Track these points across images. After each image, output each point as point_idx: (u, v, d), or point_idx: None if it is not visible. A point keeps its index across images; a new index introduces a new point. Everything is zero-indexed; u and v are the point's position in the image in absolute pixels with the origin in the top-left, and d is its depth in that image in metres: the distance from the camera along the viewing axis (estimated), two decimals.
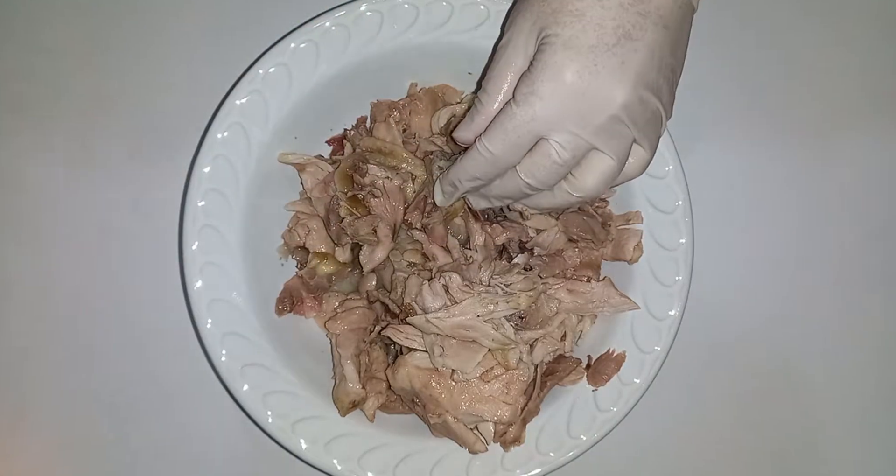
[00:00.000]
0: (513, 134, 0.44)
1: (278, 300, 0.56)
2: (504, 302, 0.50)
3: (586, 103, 0.42)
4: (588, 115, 0.43)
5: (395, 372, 0.52)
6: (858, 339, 0.63)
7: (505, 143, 0.44)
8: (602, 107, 0.42)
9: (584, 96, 0.42)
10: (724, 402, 0.62)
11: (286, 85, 0.54)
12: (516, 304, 0.50)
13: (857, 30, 0.66)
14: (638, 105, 0.43)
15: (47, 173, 0.61)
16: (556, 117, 0.43)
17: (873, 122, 0.65)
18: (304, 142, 0.56)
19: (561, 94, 0.42)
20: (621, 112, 0.43)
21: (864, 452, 0.62)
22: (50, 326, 0.60)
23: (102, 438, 0.59)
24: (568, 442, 0.54)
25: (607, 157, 0.44)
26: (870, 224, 0.64)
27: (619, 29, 0.42)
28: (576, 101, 0.42)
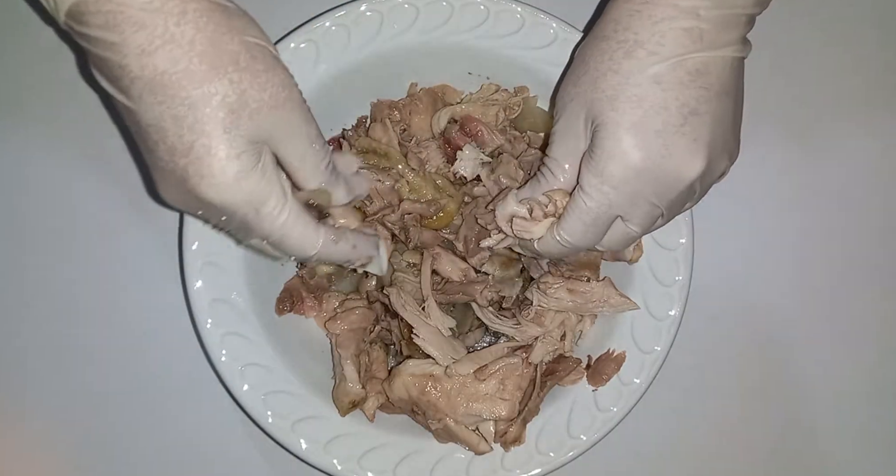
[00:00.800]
0: (592, 226, 0.44)
1: (278, 300, 0.56)
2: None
3: (660, 181, 0.42)
4: (664, 191, 0.43)
5: (391, 383, 0.53)
6: (858, 339, 0.63)
7: (586, 235, 0.45)
8: (677, 182, 0.43)
9: (657, 176, 0.42)
10: (724, 402, 0.62)
11: None
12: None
13: (854, 28, 0.66)
14: (710, 171, 0.43)
15: (47, 173, 0.61)
16: (631, 199, 0.43)
17: (873, 121, 0.65)
18: None
19: (633, 178, 0.42)
20: (696, 183, 0.43)
21: (863, 452, 0.62)
22: (50, 326, 0.60)
23: (102, 438, 0.59)
24: (568, 442, 0.54)
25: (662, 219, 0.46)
26: (870, 223, 0.64)
27: (685, 108, 0.42)
28: (650, 181, 0.42)
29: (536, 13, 0.55)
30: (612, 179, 0.42)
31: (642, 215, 0.44)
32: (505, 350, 0.53)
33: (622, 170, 0.42)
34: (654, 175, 0.42)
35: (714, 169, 0.44)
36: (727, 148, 0.44)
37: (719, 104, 0.42)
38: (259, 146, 0.41)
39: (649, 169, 0.42)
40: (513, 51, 0.55)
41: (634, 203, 0.43)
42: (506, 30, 0.55)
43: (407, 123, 0.57)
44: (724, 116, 0.43)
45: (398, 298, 0.53)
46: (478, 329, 0.56)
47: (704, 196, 0.47)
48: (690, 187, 0.43)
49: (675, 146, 0.42)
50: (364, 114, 0.59)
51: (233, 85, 0.39)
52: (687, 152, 0.42)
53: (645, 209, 0.44)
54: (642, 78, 0.42)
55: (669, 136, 0.42)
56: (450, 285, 0.54)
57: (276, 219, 0.42)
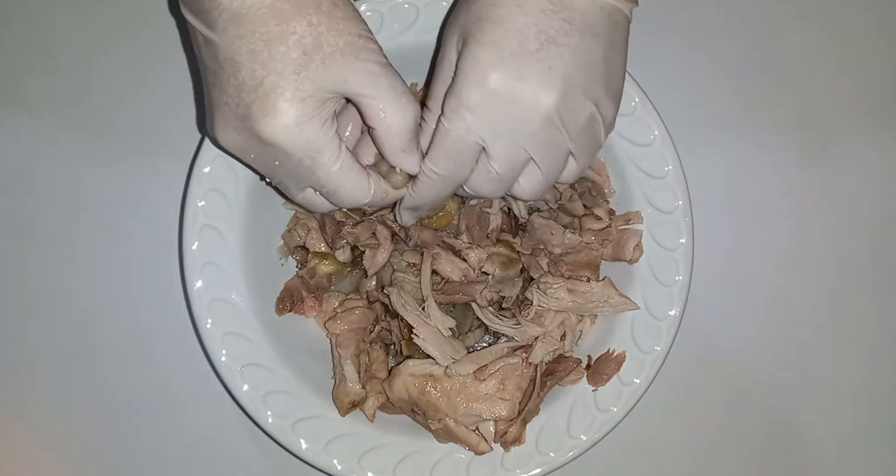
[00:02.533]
0: (453, 151, 0.43)
1: (278, 300, 0.56)
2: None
3: (516, 109, 0.41)
4: (521, 122, 0.42)
5: (391, 383, 0.53)
6: (858, 340, 0.63)
7: (448, 161, 0.44)
8: (532, 111, 0.41)
9: (513, 102, 0.41)
10: (724, 402, 0.62)
11: None
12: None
13: (854, 30, 0.66)
14: (570, 110, 0.42)
15: (47, 173, 0.61)
16: (489, 125, 0.42)
17: (873, 121, 0.65)
18: None
19: (489, 101, 0.41)
20: (553, 116, 0.42)
21: (863, 452, 0.62)
22: (50, 326, 0.60)
23: (102, 438, 0.59)
24: (568, 442, 0.54)
25: (538, 173, 0.44)
26: (870, 224, 0.64)
27: (542, 34, 0.41)
28: (506, 107, 0.41)
29: None
30: (467, 100, 0.41)
31: (502, 149, 0.43)
32: (505, 350, 0.53)
33: (477, 90, 0.41)
34: (507, 101, 0.41)
35: (574, 109, 0.42)
36: (590, 91, 0.42)
37: (583, 42, 0.41)
38: (326, 95, 0.41)
39: (502, 93, 0.41)
40: None
41: (493, 132, 0.42)
42: None
43: None
44: (589, 57, 0.42)
45: (398, 298, 0.53)
46: (478, 329, 0.56)
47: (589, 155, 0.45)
48: (548, 122, 0.42)
49: (529, 71, 0.41)
50: None
51: (311, 27, 0.40)
52: (540, 79, 0.41)
53: (504, 142, 0.42)
54: (509, 3, 0.41)
55: (524, 60, 0.41)
56: (450, 285, 0.54)
57: (331, 167, 0.42)
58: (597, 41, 0.42)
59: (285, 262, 0.58)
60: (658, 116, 0.54)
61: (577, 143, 0.44)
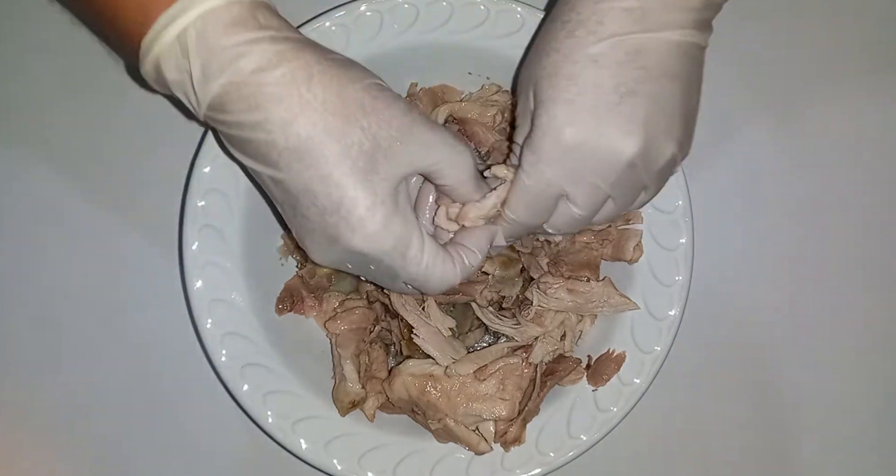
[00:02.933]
0: (533, 203, 0.44)
1: (278, 300, 0.56)
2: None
3: (598, 159, 0.42)
4: (601, 170, 0.43)
5: (391, 383, 0.53)
6: (860, 339, 0.63)
7: (528, 211, 0.45)
8: (613, 161, 0.42)
9: (592, 154, 0.42)
10: (725, 402, 0.62)
11: None
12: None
13: (855, 29, 0.66)
14: (651, 153, 0.43)
15: (47, 173, 0.61)
16: (569, 176, 0.43)
17: (873, 122, 0.65)
18: None
19: (566, 155, 0.42)
20: (635, 161, 0.42)
21: (863, 453, 0.62)
22: (49, 326, 0.60)
23: (102, 438, 0.59)
24: (568, 442, 0.54)
25: (613, 204, 0.45)
26: (871, 224, 0.64)
27: (621, 86, 0.42)
28: (586, 160, 0.42)
29: (537, 13, 0.55)
30: (546, 156, 0.43)
31: (584, 195, 0.44)
32: (505, 350, 0.53)
33: (554, 146, 0.42)
34: (588, 153, 0.42)
35: (656, 152, 0.43)
36: (671, 132, 0.43)
37: (659, 86, 0.42)
38: (397, 183, 0.42)
39: (582, 146, 0.42)
40: (513, 51, 0.55)
41: (574, 181, 0.43)
42: (506, 30, 0.55)
43: None
44: (666, 100, 0.42)
45: (398, 298, 0.53)
46: (478, 329, 0.56)
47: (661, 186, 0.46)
48: (630, 168, 0.43)
49: (609, 124, 0.42)
50: None
51: (364, 132, 0.41)
52: (620, 131, 0.42)
53: (586, 189, 0.43)
54: (580, 56, 0.42)
55: (603, 114, 0.41)
56: None
57: (421, 261, 0.44)
58: (675, 82, 0.43)
59: (285, 261, 0.58)
60: None
61: (655, 180, 0.45)
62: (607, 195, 0.44)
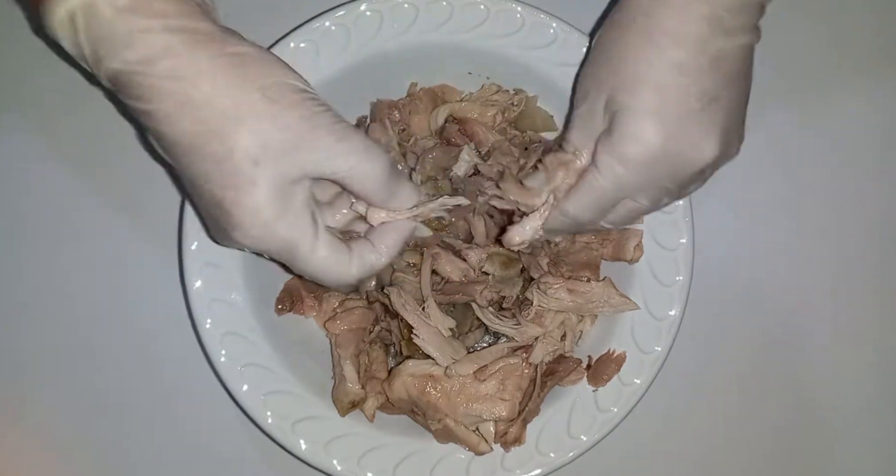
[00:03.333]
0: (600, 203, 0.45)
1: (278, 300, 0.56)
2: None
3: (674, 164, 0.43)
4: (676, 174, 0.44)
5: (391, 384, 0.53)
6: (861, 339, 0.63)
7: (592, 211, 0.46)
8: (690, 165, 0.44)
9: (672, 158, 0.43)
10: (725, 403, 0.62)
11: None
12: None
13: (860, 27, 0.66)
14: (723, 156, 0.44)
15: (47, 173, 0.61)
16: (644, 181, 0.44)
17: (873, 121, 0.65)
18: None
19: (649, 159, 0.43)
20: (714, 163, 0.44)
21: (866, 453, 0.62)
22: (49, 326, 0.60)
23: (102, 438, 0.59)
24: (568, 442, 0.54)
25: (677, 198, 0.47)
26: (873, 223, 0.64)
27: (705, 95, 0.42)
28: (664, 164, 0.43)
29: (537, 13, 0.55)
30: (629, 162, 0.43)
31: (652, 196, 0.45)
32: (505, 350, 0.53)
33: (641, 153, 0.43)
34: (670, 160, 0.43)
35: (727, 153, 0.45)
36: (738, 132, 0.45)
37: (735, 91, 0.44)
38: (293, 186, 0.42)
39: (667, 154, 0.43)
40: (513, 50, 0.55)
41: (647, 186, 0.44)
42: (506, 30, 0.55)
43: (406, 123, 0.57)
44: (738, 102, 0.44)
45: (398, 298, 0.53)
46: (478, 329, 0.56)
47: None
48: (703, 171, 0.44)
49: (694, 132, 0.43)
50: (364, 114, 0.59)
51: (253, 135, 0.40)
52: (704, 138, 0.43)
53: (656, 191, 0.45)
54: (663, 64, 0.42)
55: (688, 122, 0.42)
56: (449, 285, 0.54)
57: (310, 260, 0.43)
58: (744, 85, 0.44)
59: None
60: None
61: (707, 179, 0.47)
62: (670, 195, 0.46)
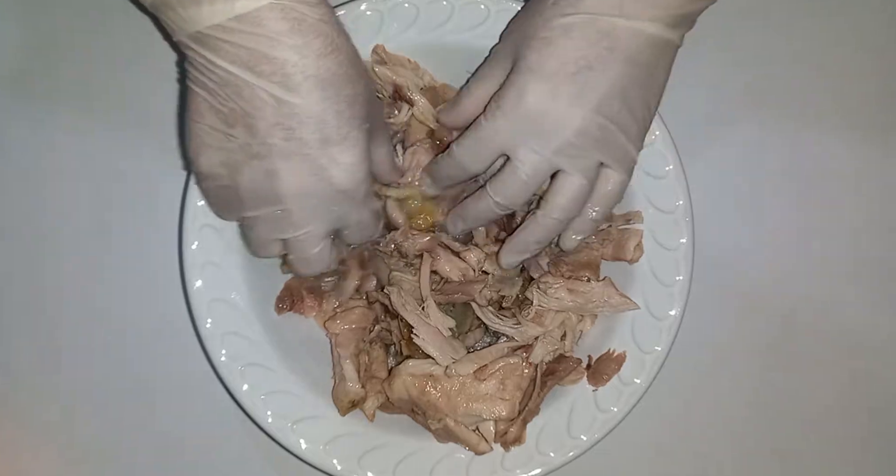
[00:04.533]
0: (479, 143, 0.47)
1: (278, 299, 0.56)
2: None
3: (545, 124, 0.45)
4: (547, 136, 0.45)
5: (391, 383, 0.53)
6: (861, 339, 0.63)
7: (471, 149, 0.48)
8: (560, 129, 0.45)
9: (542, 118, 0.45)
10: (725, 402, 0.62)
11: None
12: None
13: (856, 26, 0.66)
14: (594, 132, 0.45)
15: (47, 173, 0.61)
16: (517, 134, 0.46)
17: (873, 120, 0.65)
18: None
19: (521, 112, 0.45)
20: (578, 137, 0.45)
21: (867, 453, 0.62)
22: (49, 326, 0.60)
23: (102, 438, 0.59)
24: (568, 442, 0.54)
25: (573, 177, 0.46)
26: (872, 222, 0.64)
27: (581, 60, 0.44)
28: (535, 121, 0.45)
29: None
30: (504, 111, 0.46)
31: (528, 158, 0.46)
32: (505, 350, 0.53)
33: (514, 100, 0.45)
34: (538, 117, 0.45)
35: (602, 129, 0.45)
36: (622, 116, 0.45)
37: (621, 69, 0.44)
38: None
39: (535, 109, 0.45)
40: None
41: (521, 140, 0.46)
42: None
43: (406, 123, 0.57)
44: (625, 84, 0.45)
45: (398, 298, 0.53)
46: (478, 329, 0.56)
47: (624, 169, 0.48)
48: (574, 139, 0.45)
49: (561, 93, 0.44)
50: None
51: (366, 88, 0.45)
52: (569, 102, 0.44)
53: (530, 152, 0.46)
54: (556, 24, 0.45)
55: (559, 83, 0.44)
56: (449, 285, 0.54)
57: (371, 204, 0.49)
58: (636, 70, 0.45)
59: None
60: (659, 117, 0.54)
61: (607, 159, 0.47)
62: (551, 165, 0.46)
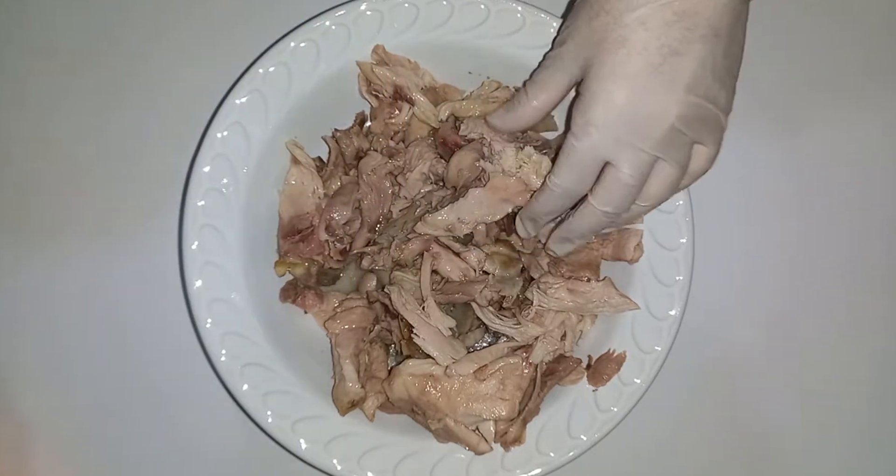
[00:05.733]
0: (578, 165, 0.45)
1: (282, 289, 0.56)
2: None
3: (642, 122, 0.43)
4: (646, 132, 0.43)
5: (391, 383, 0.53)
6: (860, 338, 0.63)
7: (572, 174, 0.46)
8: (658, 122, 0.43)
9: (638, 116, 0.43)
10: (725, 402, 0.62)
11: (286, 84, 0.54)
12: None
13: (855, 26, 0.66)
14: (693, 114, 0.44)
15: (46, 173, 0.61)
16: (615, 141, 0.44)
17: (873, 119, 0.65)
18: (303, 141, 0.56)
19: (615, 119, 0.43)
20: (677, 123, 0.43)
21: (863, 454, 0.62)
22: (49, 326, 0.60)
23: (102, 438, 0.59)
24: (568, 442, 0.54)
25: (668, 165, 0.45)
26: (871, 222, 0.64)
27: (664, 48, 0.43)
28: (631, 122, 0.43)
29: (537, 13, 0.55)
30: (595, 119, 0.44)
31: (631, 160, 0.44)
32: (505, 350, 0.53)
33: (604, 110, 0.43)
34: (634, 117, 0.43)
35: (699, 112, 0.44)
36: (713, 90, 0.44)
37: (704, 46, 0.43)
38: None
39: (629, 110, 0.43)
40: (513, 50, 0.55)
41: (620, 146, 0.44)
42: (506, 29, 0.55)
43: (407, 123, 0.57)
44: (709, 58, 0.43)
45: (398, 298, 0.53)
46: (478, 329, 0.56)
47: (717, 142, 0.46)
48: (673, 129, 0.43)
49: (652, 87, 0.43)
50: (363, 110, 0.58)
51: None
52: (663, 92, 0.43)
53: (632, 154, 0.44)
54: (629, 18, 0.43)
55: (647, 77, 0.43)
56: (449, 285, 0.54)
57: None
58: (718, 41, 0.43)
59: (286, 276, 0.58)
60: None
61: (702, 135, 0.45)
62: (654, 157, 0.45)
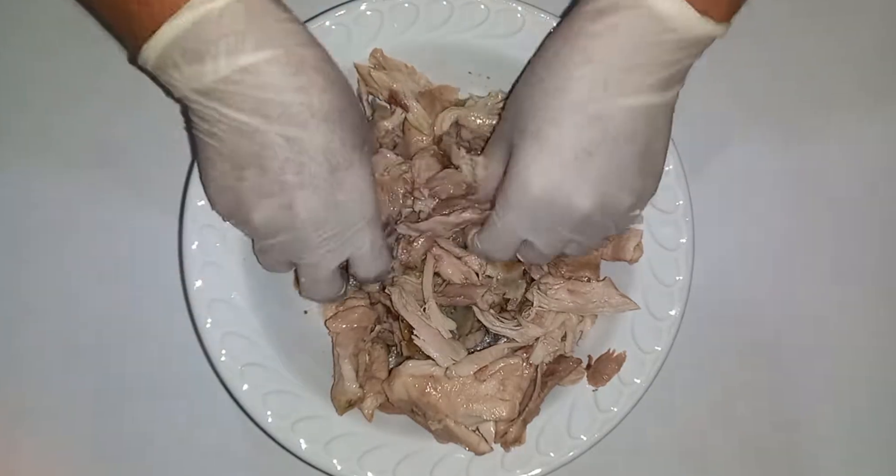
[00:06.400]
0: (500, 240, 0.50)
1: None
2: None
3: (556, 211, 0.46)
4: (560, 220, 0.47)
5: (391, 384, 0.53)
6: (859, 337, 0.63)
7: (496, 246, 0.51)
8: (571, 212, 0.46)
9: (553, 206, 0.46)
10: (724, 402, 0.62)
11: None
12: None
13: (852, 26, 0.66)
14: (605, 207, 0.47)
15: (46, 173, 0.61)
16: (532, 223, 0.48)
17: (873, 119, 0.65)
18: None
19: (531, 205, 0.47)
20: (590, 216, 0.46)
21: (862, 453, 0.62)
22: (49, 326, 0.60)
23: (102, 438, 0.59)
24: (568, 442, 0.54)
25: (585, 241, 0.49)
26: (871, 222, 0.64)
27: (578, 147, 0.45)
28: (546, 209, 0.46)
29: (537, 13, 0.55)
30: (513, 206, 0.47)
31: (546, 241, 0.49)
32: (505, 350, 0.53)
33: (520, 198, 0.47)
34: (547, 207, 0.46)
35: (612, 205, 0.47)
36: (627, 187, 0.47)
37: (616, 148, 0.45)
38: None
39: (542, 201, 0.46)
40: (513, 50, 0.55)
41: (535, 229, 0.48)
42: (506, 29, 0.55)
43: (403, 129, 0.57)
44: (623, 159, 0.45)
45: (400, 299, 0.53)
46: (478, 331, 0.56)
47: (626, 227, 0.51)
48: (587, 219, 0.47)
49: (565, 182, 0.45)
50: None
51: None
52: (575, 188, 0.45)
53: (546, 236, 0.48)
54: (546, 117, 0.45)
55: (562, 173, 0.45)
56: (451, 288, 0.54)
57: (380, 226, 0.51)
58: (631, 144, 0.45)
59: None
60: None
61: (618, 224, 0.49)
62: (568, 240, 0.49)
